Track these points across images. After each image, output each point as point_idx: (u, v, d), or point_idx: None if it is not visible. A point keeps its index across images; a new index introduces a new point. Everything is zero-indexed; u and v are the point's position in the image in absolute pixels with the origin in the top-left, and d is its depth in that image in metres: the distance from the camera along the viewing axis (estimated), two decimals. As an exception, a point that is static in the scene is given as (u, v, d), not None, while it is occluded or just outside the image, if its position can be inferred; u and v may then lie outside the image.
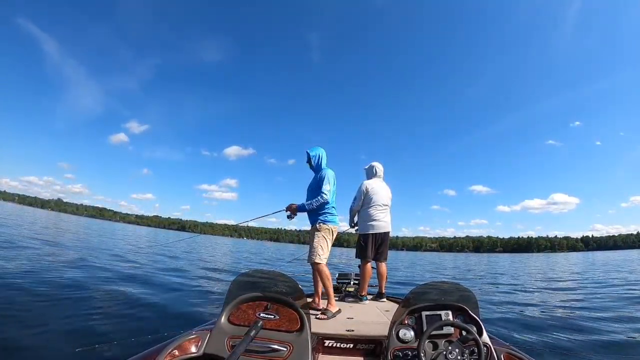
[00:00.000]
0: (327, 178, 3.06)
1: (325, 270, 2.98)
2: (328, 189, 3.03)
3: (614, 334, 3.95)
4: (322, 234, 3.04)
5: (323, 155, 3.27)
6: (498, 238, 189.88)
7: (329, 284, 2.93)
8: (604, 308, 5.60)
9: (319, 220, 3.08)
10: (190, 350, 1.45)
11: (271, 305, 1.53)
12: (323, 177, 3.08)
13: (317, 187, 3.09)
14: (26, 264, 6.00)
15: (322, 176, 3.09)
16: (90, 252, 9.69)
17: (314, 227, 3.11)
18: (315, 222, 3.10)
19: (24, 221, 21.74)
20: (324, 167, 3.23)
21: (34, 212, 55.01)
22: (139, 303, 4.53)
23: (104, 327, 3.39)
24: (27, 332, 3.00)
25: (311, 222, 3.17)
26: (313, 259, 2.98)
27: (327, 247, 3.06)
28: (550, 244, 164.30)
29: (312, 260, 2.99)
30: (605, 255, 43.70)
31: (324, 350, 2.10)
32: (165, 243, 20.20)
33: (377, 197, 3.64)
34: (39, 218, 33.83)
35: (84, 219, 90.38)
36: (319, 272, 2.98)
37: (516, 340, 3.69)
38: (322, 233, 3.04)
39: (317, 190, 3.08)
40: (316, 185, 3.12)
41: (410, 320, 1.65)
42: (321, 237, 3.03)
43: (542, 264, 24.95)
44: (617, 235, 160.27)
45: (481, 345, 1.39)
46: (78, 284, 5.04)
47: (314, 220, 3.11)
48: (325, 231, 3.05)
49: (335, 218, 3.15)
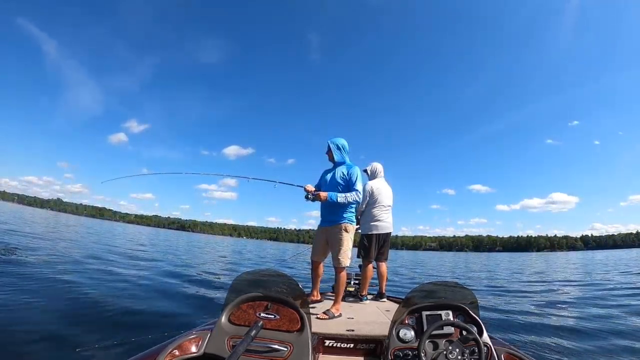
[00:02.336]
0: (359, 177, 2.90)
1: (345, 277, 2.91)
2: (361, 188, 2.88)
3: (614, 334, 3.95)
4: (350, 236, 2.91)
5: (345, 146, 3.04)
6: (498, 237, 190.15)
7: (342, 290, 2.88)
8: (604, 307, 5.60)
9: (346, 220, 2.91)
10: (190, 350, 1.45)
11: (271, 305, 1.52)
12: (354, 174, 2.89)
13: (344, 183, 2.91)
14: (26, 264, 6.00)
15: (353, 172, 2.90)
16: (90, 252, 9.68)
17: (338, 226, 2.90)
18: (341, 222, 2.90)
19: (26, 220, 21.72)
20: (350, 162, 3.03)
21: (33, 212, 54.95)
22: (139, 303, 4.53)
23: (104, 327, 3.39)
24: (27, 333, 2.99)
25: (335, 220, 2.94)
26: (343, 263, 2.84)
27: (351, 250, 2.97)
28: (550, 243, 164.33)
29: (341, 265, 2.85)
30: (604, 255, 43.72)
31: (325, 350, 2.09)
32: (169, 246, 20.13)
33: (381, 197, 3.66)
34: (39, 217, 33.80)
35: (84, 219, 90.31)
36: (342, 278, 2.86)
37: (516, 340, 3.69)
38: (350, 235, 2.91)
39: (344, 186, 2.90)
40: (343, 180, 2.93)
41: (410, 320, 1.64)
42: (350, 239, 2.90)
43: (542, 263, 24.97)
44: (617, 234, 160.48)
45: (481, 345, 1.39)
46: (78, 284, 5.03)
47: (340, 220, 2.91)
48: (352, 232, 2.94)
49: (354, 218, 3.07)
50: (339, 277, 2.88)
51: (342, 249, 2.88)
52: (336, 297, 2.84)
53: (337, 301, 2.80)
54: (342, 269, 2.88)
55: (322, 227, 3.07)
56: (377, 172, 3.82)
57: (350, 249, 2.92)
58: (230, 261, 14.36)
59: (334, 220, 2.95)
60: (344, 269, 2.89)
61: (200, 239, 42.10)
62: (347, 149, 3.06)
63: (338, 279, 2.89)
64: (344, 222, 2.91)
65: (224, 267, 11.54)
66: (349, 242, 2.91)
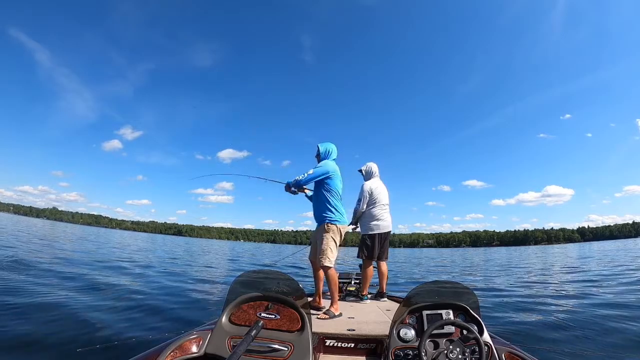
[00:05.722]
0: (319, 166, 3.05)
1: (334, 275, 2.89)
2: (311, 172, 2.98)
3: (616, 332, 3.93)
4: (331, 235, 2.92)
5: (332, 150, 3.18)
6: (495, 232, 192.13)
7: (335, 288, 2.86)
8: (606, 305, 5.58)
9: (327, 220, 2.96)
10: (191, 350, 1.45)
11: (272, 305, 1.52)
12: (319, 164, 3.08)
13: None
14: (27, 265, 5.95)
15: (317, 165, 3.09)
16: (90, 255, 9.62)
17: (321, 226, 2.98)
18: (323, 222, 2.98)
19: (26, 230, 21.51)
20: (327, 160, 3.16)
21: (28, 222, 54.46)
22: (139, 303, 4.53)
23: (105, 327, 3.38)
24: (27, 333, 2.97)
25: (318, 221, 3.06)
26: (323, 263, 2.87)
27: (336, 248, 2.95)
28: (547, 236, 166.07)
29: (322, 264, 2.87)
30: (601, 246, 44.09)
31: (325, 350, 2.09)
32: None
33: (380, 197, 3.68)
34: (34, 227, 33.50)
35: (80, 227, 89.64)
36: (329, 276, 2.88)
37: (517, 339, 3.68)
38: (331, 234, 2.93)
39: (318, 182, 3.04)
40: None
41: (411, 319, 1.64)
42: (330, 238, 2.92)
43: (541, 257, 25.10)
44: (613, 225, 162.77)
45: (482, 344, 1.39)
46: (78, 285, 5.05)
47: (322, 220, 2.99)
48: (333, 232, 2.94)
49: (343, 217, 3.04)
50: (327, 276, 2.90)
51: (321, 248, 2.91)
52: (332, 297, 2.84)
53: (333, 300, 2.81)
54: (326, 268, 2.87)
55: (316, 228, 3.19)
56: (373, 172, 3.84)
57: (330, 248, 2.90)
58: (228, 263, 14.33)
59: (317, 219, 3.08)
60: (329, 268, 2.87)
61: (198, 243, 41.92)
62: (330, 151, 3.17)
63: (327, 279, 2.91)
64: (325, 222, 2.97)
65: (223, 268, 11.52)
66: (329, 241, 2.91)
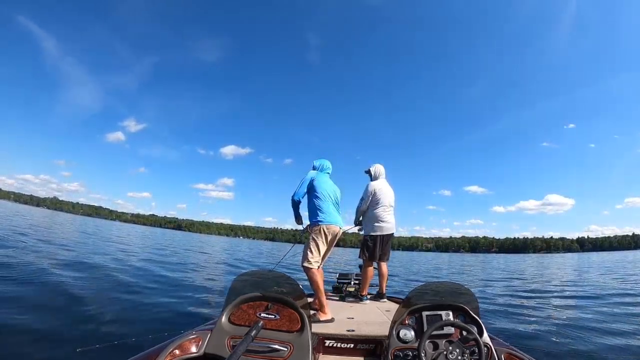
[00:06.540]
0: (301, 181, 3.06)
1: (314, 276, 2.74)
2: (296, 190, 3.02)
3: (614, 334, 3.96)
4: (312, 236, 2.90)
5: (325, 165, 3.22)
6: (494, 238, 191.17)
7: (319, 291, 2.68)
8: (604, 308, 5.62)
9: (309, 222, 3.02)
10: (190, 350, 1.46)
11: (272, 306, 1.53)
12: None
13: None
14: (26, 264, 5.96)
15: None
16: (89, 253, 9.63)
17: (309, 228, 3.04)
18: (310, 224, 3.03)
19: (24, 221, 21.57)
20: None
21: (29, 210, 54.51)
22: (139, 303, 4.53)
23: (104, 327, 3.38)
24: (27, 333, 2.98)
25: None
26: (301, 262, 2.85)
27: (318, 249, 2.85)
28: (546, 245, 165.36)
29: (301, 264, 2.85)
30: (601, 257, 43.96)
31: (325, 350, 2.10)
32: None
33: (383, 198, 3.69)
34: (35, 216, 33.55)
35: (80, 217, 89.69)
36: (309, 278, 2.77)
37: (517, 340, 3.70)
38: (312, 235, 2.91)
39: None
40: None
41: (410, 320, 1.65)
42: (311, 239, 2.90)
43: (540, 265, 25.07)
44: (613, 237, 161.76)
45: (482, 345, 1.39)
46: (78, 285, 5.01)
47: (309, 222, 3.04)
48: (315, 233, 2.89)
49: (327, 216, 2.92)
50: (307, 277, 2.82)
51: (303, 249, 2.92)
52: (319, 302, 2.64)
53: (321, 305, 2.61)
54: (304, 269, 2.81)
55: None
56: (380, 173, 3.87)
57: (310, 248, 2.85)
58: (228, 261, 14.33)
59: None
60: (308, 269, 2.78)
61: (197, 239, 41.89)
62: (323, 167, 3.20)
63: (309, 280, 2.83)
64: (308, 225, 3.05)
65: (223, 267, 11.51)
66: (309, 241, 2.90)
